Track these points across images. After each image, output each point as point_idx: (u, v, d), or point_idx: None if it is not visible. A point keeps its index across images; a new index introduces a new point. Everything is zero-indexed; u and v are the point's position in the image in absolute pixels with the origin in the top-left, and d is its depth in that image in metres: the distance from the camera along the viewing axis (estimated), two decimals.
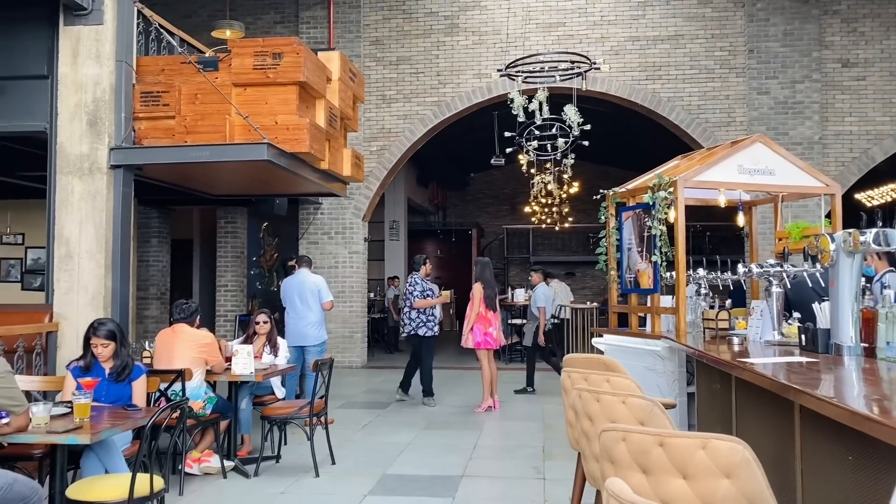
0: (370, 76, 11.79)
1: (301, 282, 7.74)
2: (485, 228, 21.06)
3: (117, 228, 6.01)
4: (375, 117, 11.95)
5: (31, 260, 11.67)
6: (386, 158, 11.95)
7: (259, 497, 4.98)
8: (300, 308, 7.60)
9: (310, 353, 7.46)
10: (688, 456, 1.96)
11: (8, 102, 6.14)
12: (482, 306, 8.15)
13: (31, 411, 3.46)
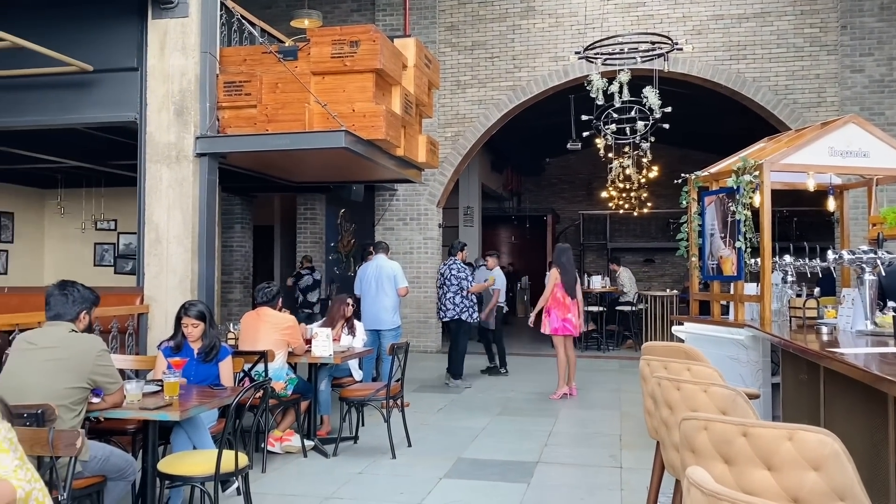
0: (445, 62, 11.79)
1: (378, 267, 7.86)
2: (560, 214, 20.83)
3: (203, 215, 6.23)
4: (450, 103, 11.96)
5: (123, 245, 12.25)
6: (460, 144, 11.95)
7: (338, 476, 5.10)
8: (375, 293, 7.73)
9: (385, 337, 7.58)
10: (773, 447, 1.89)
11: (101, 94, 6.44)
12: (560, 291, 8.02)
13: (125, 388, 3.64)
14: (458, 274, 8.65)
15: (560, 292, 8.03)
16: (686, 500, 1.51)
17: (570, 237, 20.84)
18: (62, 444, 2.78)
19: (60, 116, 6.55)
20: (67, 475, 2.84)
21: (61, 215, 12.11)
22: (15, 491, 2.11)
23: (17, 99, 6.52)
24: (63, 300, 3.60)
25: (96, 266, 12.26)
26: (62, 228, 12.43)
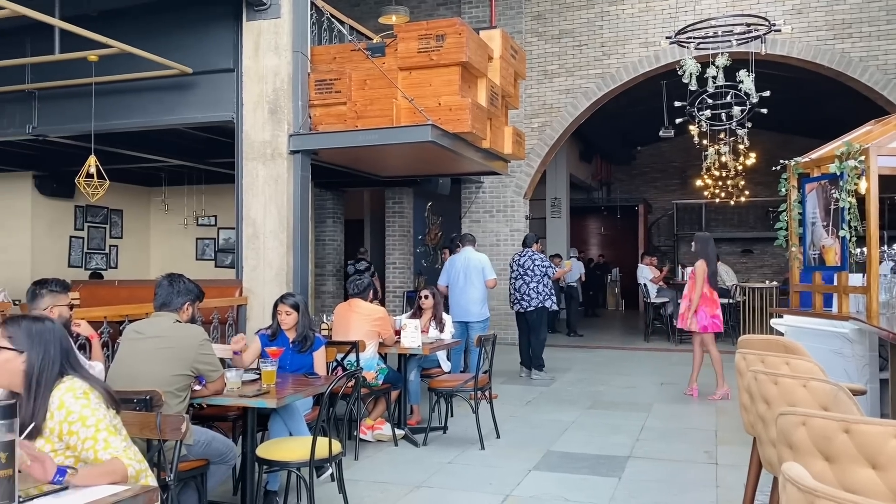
0: (531, 52, 11.69)
1: (466, 259, 7.90)
2: (652, 204, 20.32)
3: (297, 210, 6.43)
4: (537, 93, 11.86)
5: (223, 240, 12.80)
6: (547, 135, 11.84)
7: (428, 465, 5.18)
8: (463, 285, 7.77)
9: (473, 328, 7.61)
10: (878, 445, 1.80)
11: (200, 95, 6.74)
12: (706, 286, 7.46)
13: (225, 377, 3.81)
14: (543, 263, 8.60)
15: (706, 287, 7.46)
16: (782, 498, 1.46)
17: (664, 227, 20.30)
18: (168, 428, 2.95)
19: (163, 117, 6.90)
20: (174, 458, 3.01)
21: (165, 212, 12.77)
22: (126, 469, 2.25)
23: (124, 102, 6.91)
24: (170, 292, 3.80)
25: (198, 260, 12.86)
26: (166, 224, 13.11)
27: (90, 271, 11.81)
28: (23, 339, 2.36)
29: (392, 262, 12.82)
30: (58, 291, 3.74)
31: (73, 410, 2.32)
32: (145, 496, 2.15)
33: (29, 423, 2.29)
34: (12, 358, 2.34)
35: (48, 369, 2.36)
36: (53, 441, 2.32)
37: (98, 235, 12.38)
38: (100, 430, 2.31)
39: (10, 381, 2.35)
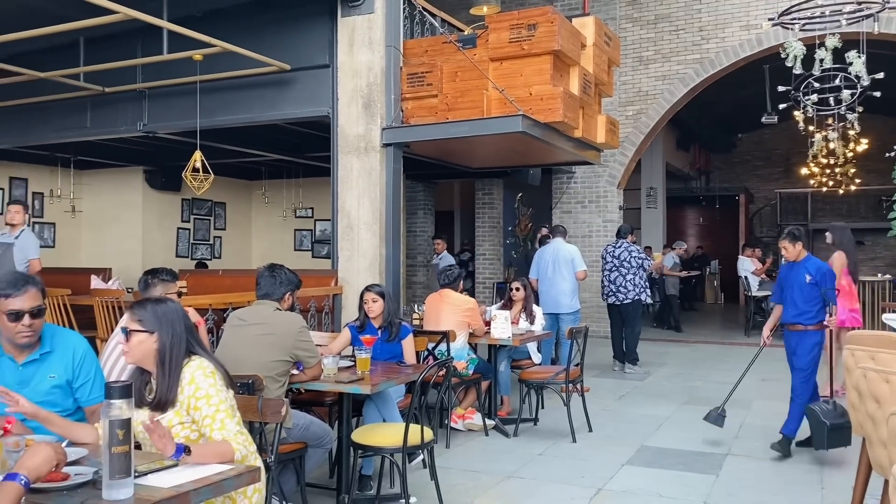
0: (626, 38, 11.42)
1: (555, 251, 7.83)
2: (754, 193, 19.49)
3: (389, 201, 6.54)
4: (631, 80, 11.58)
5: (320, 231, 13.17)
6: (642, 122, 11.55)
7: (519, 455, 5.18)
8: (552, 276, 7.70)
9: (563, 320, 7.54)
10: None
11: (298, 91, 6.95)
12: (846, 278, 7.05)
13: (322, 363, 3.94)
14: (640, 255, 8.42)
15: (846, 279, 7.06)
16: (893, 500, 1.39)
17: (766, 218, 19.47)
18: (269, 411, 3.08)
19: (263, 113, 7.16)
20: (274, 440, 3.14)
21: (265, 204, 13.25)
22: (234, 452, 2.38)
23: (226, 99, 7.21)
24: (272, 281, 3.96)
25: (296, 250, 13.30)
26: (266, 216, 13.61)
27: (196, 261, 12.41)
28: (151, 321, 2.54)
29: (482, 253, 12.84)
30: (168, 280, 3.94)
31: (202, 387, 2.49)
32: (248, 475, 2.26)
33: (163, 397, 2.49)
34: (144, 339, 2.52)
35: (178, 346, 2.54)
36: (182, 414, 2.51)
37: (203, 227, 12.99)
38: (219, 411, 2.46)
39: (143, 360, 2.55)
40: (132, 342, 2.53)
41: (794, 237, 5.14)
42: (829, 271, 5.10)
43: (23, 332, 2.71)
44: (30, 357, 2.80)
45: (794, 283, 5.11)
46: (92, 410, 2.85)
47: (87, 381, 2.88)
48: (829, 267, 5.20)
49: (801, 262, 5.13)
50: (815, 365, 5.06)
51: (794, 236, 5.15)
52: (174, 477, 2.10)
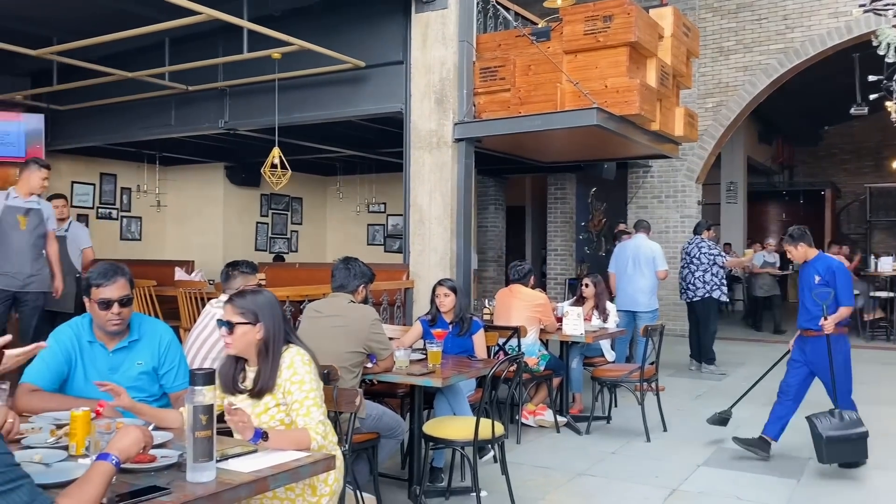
0: (705, 28, 11.09)
1: (637, 247, 7.66)
2: (841, 188, 18.62)
3: (460, 197, 6.56)
4: (711, 71, 11.24)
5: (392, 226, 13.33)
6: (723, 115, 11.19)
7: (591, 453, 5.12)
8: (632, 273, 7.54)
9: (641, 318, 7.38)
10: None
11: (372, 88, 7.04)
12: None
13: (394, 355, 3.99)
14: (711, 251, 8.17)
15: None
16: None
17: (854, 214, 18.60)
18: (344, 401, 3.14)
19: (339, 110, 7.28)
20: (349, 429, 3.20)
21: (340, 199, 13.49)
22: (311, 441, 2.45)
23: (303, 96, 7.36)
24: (346, 274, 4.04)
25: (368, 245, 13.49)
26: (341, 211, 13.86)
27: (274, 254, 12.76)
28: (253, 312, 2.63)
29: (553, 248, 12.72)
30: (248, 272, 4.07)
31: (299, 372, 2.60)
32: (324, 462, 2.31)
33: (264, 385, 2.60)
34: (248, 330, 2.62)
35: (278, 336, 2.65)
36: (278, 396, 2.61)
37: (281, 221, 13.34)
38: (308, 398, 2.55)
39: (245, 351, 2.65)
40: (236, 334, 2.61)
41: (793, 238, 4.87)
42: (839, 269, 4.77)
43: (112, 320, 2.85)
44: (119, 344, 2.93)
45: (805, 285, 4.83)
46: (176, 396, 2.97)
47: (172, 369, 3.00)
48: (839, 264, 4.87)
49: (811, 263, 4.85)
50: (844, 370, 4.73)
51: (792, 237, 4.88)
52: (253, 462, 2.17)
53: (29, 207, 5.78)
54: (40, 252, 5.79)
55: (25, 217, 5.74)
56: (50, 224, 5.89)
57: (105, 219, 11.16)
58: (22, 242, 5.69)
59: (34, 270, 5.71)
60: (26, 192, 5.74)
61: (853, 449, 4.46)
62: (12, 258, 5.66)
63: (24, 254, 5.68)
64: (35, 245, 5.75)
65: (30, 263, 5.70)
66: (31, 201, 5.79)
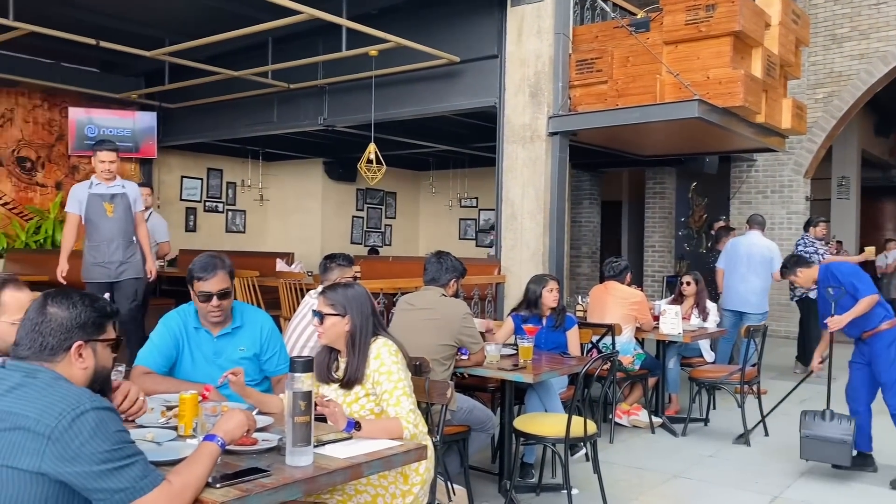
0: (816, 15, 10.52)
1: (751, 244, 7.28)
2: None
3: (554, 191, 6.50)
4: (822, 60, 10.65)
5: (483, 220, 13.35)
6: (834, 106, 10.59)
7: (687, 455, 4.98)
8: (745, 272, 7.17)
9: (749, 319, 6.94)
10: None
11: (466, 83, 7.06)
12: None
13: (485, 350, 4.00)
14: (806, 249, 7.70)
15: None
16: None
17: None
18: (435, 392, 3.17)
19: (433, 105, 7.35)
20: (440, 421, 3.23)
21: (432, 194, 13.62)
22: (403, 430, 2.49)
23: (398, 93, 7.47)
24: (438, 267, 4.08)
25: (460, 239, 13.56)
26: (433, 206, 13.99)
27: (368, 248, 13.03)
28: (343, 305, 2.72)
29: (651, 245, 12.40)
30: (344, 265, 4.17)
31: (386, 363, 2.66)
32: (416, 452, 2.35)
33: (353, 376, 2.67)
34: (337, 322, 2.71)
35: (366, 328, 2.72)
36: (367, 387, 2.68)
37: (375, 215, 13.60)
38: (397, 388, 2.61)
39: (334, 341, 2.75)
40: (326, 324, 2.71)
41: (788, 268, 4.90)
42: (847, 270, 4.59)
43: (212, 312, 3.01)
44: (223, 331, 3.08)
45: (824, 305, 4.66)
46: (278, 380, 3.11)
47: (274, 354, 3.14)
48: (847, 265, 4.69)
49: (819, 283, 4.70)
50: None
51: (787, 268, 4.91)
52: (349, 449, 2.23)
53: (113, 193, 5.56)
54: (131, 238, 5.62)
55: (111, 203, 5.54)
56: (138, 205, 5.69)
57: (211, 212, 11.70)
58: (111, 230, 5.51)
59: (125, 257, 5.54)
60: (106, 178, 5.54)
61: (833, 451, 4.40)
62: (103, 248, 5.51)
63: (114, 241, 5.51)
64: (125, 231, 5.57)
65: (121, 251, 5.53)
66: (115, 186, 5.57)
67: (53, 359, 1.85)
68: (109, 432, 1.72)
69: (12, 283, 2.35)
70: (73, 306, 1.89)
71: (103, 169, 5.49)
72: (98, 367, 1.93)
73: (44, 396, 1.73)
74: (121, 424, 1.78)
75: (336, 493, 2.56)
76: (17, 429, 1.68)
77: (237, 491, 1.85)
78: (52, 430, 1.67)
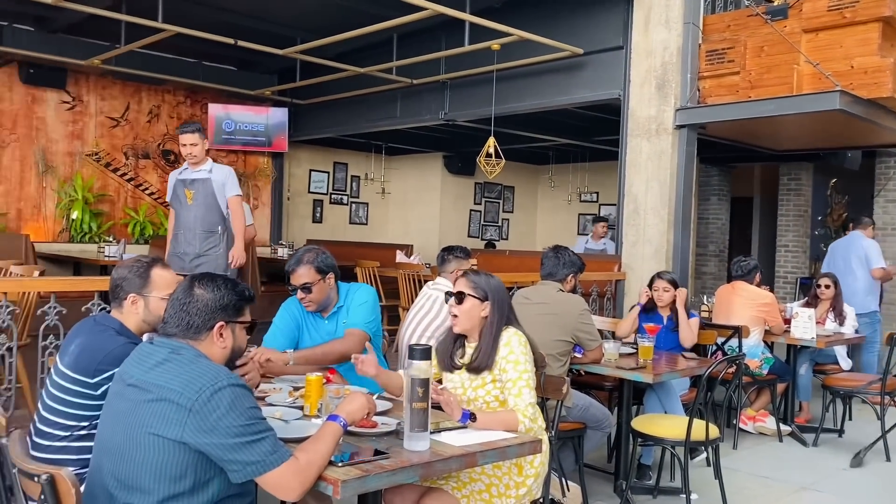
0: None
1: (848, 244, 7.05)
2: None
3: (680, 186, 6.28)
4: None
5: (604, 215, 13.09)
6: None
7: (818, 467, 4.70)
8: (843, 272, 6.81)
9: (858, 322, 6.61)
10: None
11: (589, 75, 6.95)
12: None
13: (603, 347, 3.93)
14: None
15: None
16: None
17: None
18: (551, 388, 3.16)
19: (555, 98, 7.28)
20: (555, 417, 3.21)
21: (551, 188, 13.50)
22: (518, 424, 2.50)
23: (519, 86, 7.45)
24: (555, 262, 4.04)
25: (580, 235, 13.36)
26: (551, 200, 13.87)
27: (485, 241, 13.10)
28: (485, 289, 2.75)
29: (783, 244, 11.73)
30: (462, 257, 4.22)
31: (515, 352, 2.67)
32: (530, 445, 2.35)
33: (483, 363, 2.69)
34: (476, 305, 2.73)
35: (502, 317, 2.74)
36: (495, 373, 2.70)
37: (493, 209, 13.65)
38: (521, 379, 2.62)
39: (468, 323, 2.75)
40: (465, 306, 2.72)
41: None
42: None
43: (303, 300, 3.24)
44: (331, 312, 3.33)
45: None
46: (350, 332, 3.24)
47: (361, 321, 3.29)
48: None
49: None
50: None
51: None
52: (465, 437, 2.26)
53: (194, 178, 5.16)
54: (214, 228, 5.16)
55: (191, 189, 5.15)
56: (229, 190, 5.19)
57: (337, 204, 12.13)
58: (189, 218, 5.15)
59: (203, 249, 5.11)
60: (192, 163, 5.17)
61: None
62: (180, 237, 5.20)
63: (191, 231, 5.13)
64: (204, 220, 5.13)
65: (199, 242, 5.12)
66: (200, 171, 5.16)
67: (197, 337, 2.00)
68: (244, 408, 1.84)
69: (159, 262, 2.55)
70: (217, 289, 2.03)
71: (185, 153, 5.13)
72: (235, 347, 2.07)
73: (186, 372, 1.87)
74: (254, 401, 1.90)
75: (451, 480, 2.61)
76: (163, 400, 1.83)
77: (358, 470, 1.93)
78: (193, 403, 1.80)
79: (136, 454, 1.83)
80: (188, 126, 5.18)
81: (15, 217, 8.73)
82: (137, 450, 1.83)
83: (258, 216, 10.80)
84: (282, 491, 1.88)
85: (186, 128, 5.15)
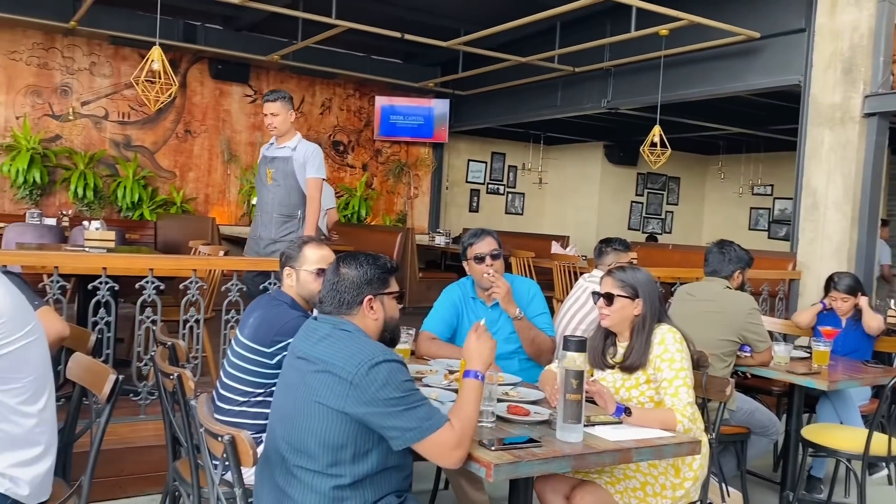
0: None
1: None
2: None
3: (867, 180, 5.76)
4: None
5: (778, 210, 12.24)
6: None
7: None
8: None
9: None
10: None
11: (765, 60, 6.51)
12: None
13: (772, 350, 3.70)
14: None
15: None
16: None
17: None
18: (713, 388, 3.02)
19: (727, 85, 6.91)
20: (717, 419, 3.07)
21: (721, 179, 12.81)
22: (677, 423, 2.39)
23: (687, 72, 7.13)
24: (720, 258, 3.84)
25: (750, 230, 12.60)
26: (721, 192, 13.17)
27: (646, 234, 12.68)
28: (634, 287, 2.68)
29: None
30: (620, 250, 4.12)
31: (670, 350, 2.59)
32: (689, 446, 2.27)
33: (635, 361, 2.63)
34: (627, 304, 2.67)
35: (654, 314, 2.66)
36: (649, 372, 2.63)
37: (656, 201, 13.18)
38: (678, 378, 2.53)
39: (620, 323, 2.69)
40: (614, 306, 2.66)
41: None
42: None
43: (486, 273, 3.23)
44: (495, 300, 3.30)
45: None
46: None
47: (540, 314, 3.34)
48: None
49: None
50: None
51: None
52: (619, 433, 2.22)
53: (275, 156, 4.62)
54: (294, 212, 4.61)
55: (271, 168, 4.62)
56: (309, 170, 4.54)
57: (493, 194, 12.24)
58: (266, 200, 4.66)
59: (279, 234, 4.57)
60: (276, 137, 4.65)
61: None
62: (258, 219, 4.76)
63: (267, 214, 4.63)
64: (283, 202, 4.59)
65: (274, 226, 4.60)
66: (284, 147, 4.60)
67: (350, 312, 2.12)
68: (398, 381, 1.94)
69: (314, 241, 2.80)
70: (360, 266, 2.15)
71: (266, 123, 4.61)
72: (387, 318, 2.18)
73: (347, 347, 2.00)
74: (408, 375, 2.00)
75: (604, 475, 2.57)
76: (327, 372, 1.96)
77: (510, 456, 1.95)
78: (353, 377, 1.92)
79: (304, 422, 1.97)
80: (271, 94, 4.58)
81: (203, 201, 9.58)
82: (305, 417, 1.97)
83: (417, 205, 11.14)
84: (442, 456, 1.95)
85: (269, 96, 4.56)
